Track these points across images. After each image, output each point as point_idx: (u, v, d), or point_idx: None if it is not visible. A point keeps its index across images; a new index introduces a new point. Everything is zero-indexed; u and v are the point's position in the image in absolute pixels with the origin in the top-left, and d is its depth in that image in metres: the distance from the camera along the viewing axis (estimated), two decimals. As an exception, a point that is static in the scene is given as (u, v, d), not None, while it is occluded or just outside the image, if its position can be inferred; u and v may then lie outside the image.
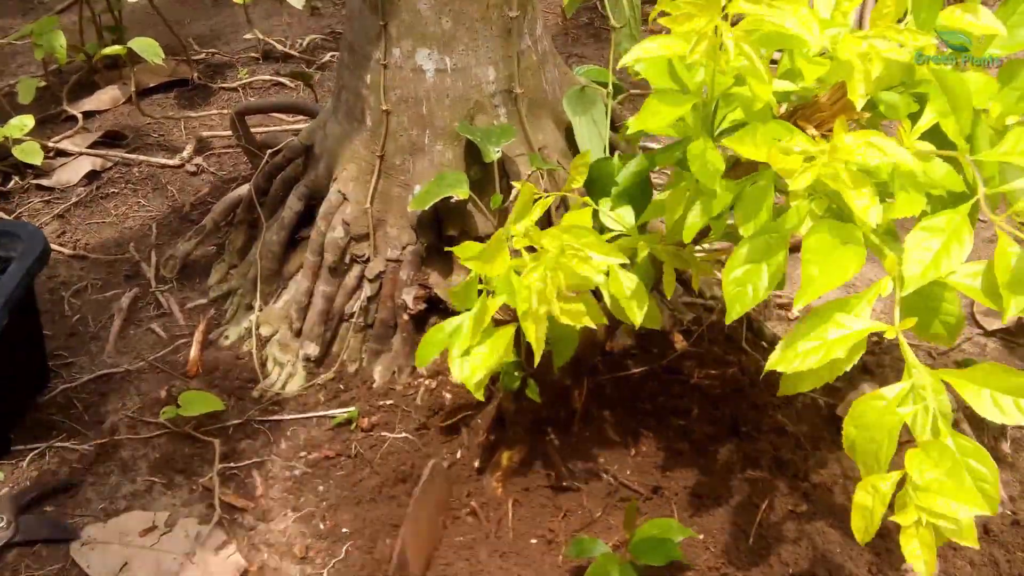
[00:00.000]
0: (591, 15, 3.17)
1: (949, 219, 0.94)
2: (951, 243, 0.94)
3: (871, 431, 0.95)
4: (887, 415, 0.94)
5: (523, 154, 1.67)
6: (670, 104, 1.07)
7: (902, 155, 0.93)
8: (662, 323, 1.37)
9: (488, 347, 1.24)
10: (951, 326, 1.09)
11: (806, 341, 0.97)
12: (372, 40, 1.62)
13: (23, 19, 3.17)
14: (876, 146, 0.94)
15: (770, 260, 1.01)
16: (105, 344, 1.80)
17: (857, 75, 0.97)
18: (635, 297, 1.19)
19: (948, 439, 0.93)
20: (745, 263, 1.02)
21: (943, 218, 0.95)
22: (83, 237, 2.12)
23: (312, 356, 1.70)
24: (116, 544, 1.42)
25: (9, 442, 1.58)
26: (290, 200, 1.81)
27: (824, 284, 0.95)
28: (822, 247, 0.96)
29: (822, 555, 1.37)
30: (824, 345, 0.95)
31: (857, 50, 0.98)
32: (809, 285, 0.95)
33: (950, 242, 0.94)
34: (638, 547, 1.29)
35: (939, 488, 0.91)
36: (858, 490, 0.95)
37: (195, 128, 2.56)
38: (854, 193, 0.93)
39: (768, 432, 1.55)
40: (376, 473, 1.52)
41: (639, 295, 1.19)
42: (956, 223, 0.94)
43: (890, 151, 0.93)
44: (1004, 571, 1.37)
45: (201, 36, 3.09)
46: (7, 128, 2.27)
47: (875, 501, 0.94)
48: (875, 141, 0.94)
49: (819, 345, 0.96)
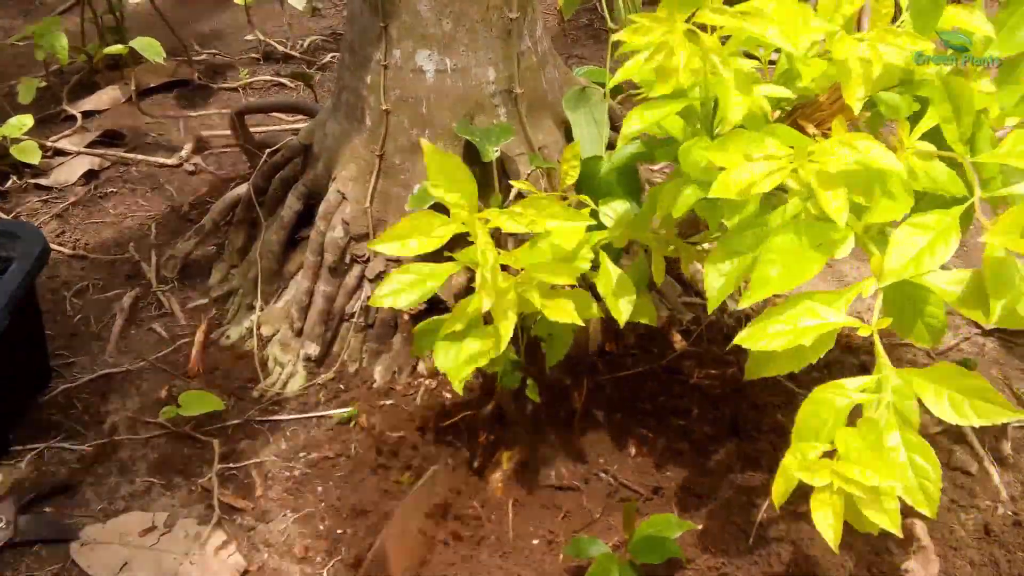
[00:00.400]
0: (590, 16, 3.17)
1: (939, 219, 0.94)
2: (937, 242, 0.93)
3: (819, 407, 0.95)
4: (838, 396, 0.95)
5: (523, 154, 1.68)
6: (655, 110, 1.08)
7: (889, 160, 0.93)
8: (656, 317, 1.37)
9: (475, 342, 1.23)
10: (934, 329, 1.08)
11: (776, 324, 0.97)
12: (372, 41, 1.62)
13: (24, 20, 3.17)
14: (856, 148, 0.93)
15: (754, 252, 1.01)
16: (106, 344, 1.80)
17: (854, 78, 0.97)
18: (620, 293, 1.19)
19: (895, 431, 0.93)
20: (730, 255, 1.03)
21: (933, 217, 0.95)
22: (83, 237, 2.12)
23: (313, 356, 1.70)
24: (116, 544, 1.42)
25: (9, 442, 1.58)
26: (289, 200, 1.81)
27: (779, 286, 0.95)
28: (787, 248, 0.95)
29: (822, 555, 1.37)
30: (793, 331, 0.95)
31: (855, 52, 0.98)
32: (763, 285, 0.95)
33: (936, 241, 0.93)
34: (637, 546, 1.30)
35: (858, 458, 0.91)
36: (786, 455, 0.95)
37: (195, 128, 2.56)
38: (829, 195, 0.92)
39: (768, 432, 1.55)
40: (376, 473, 1.52)
41: (624, 289, 1.19)
42: (945, 223, 0.94)
43: (875, 155, 0.93)
44: (1004, 571, 1.37)
45: (202, 37, 3.09)
46: (5, 127, 2.27)
47: (799, 467, 0.94)
48: (859, 144, 0.94)
49: (788, 330, 0.95)
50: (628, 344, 1.71)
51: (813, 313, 0.96)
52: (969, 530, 1.43)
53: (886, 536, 1.37)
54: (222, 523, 1.45)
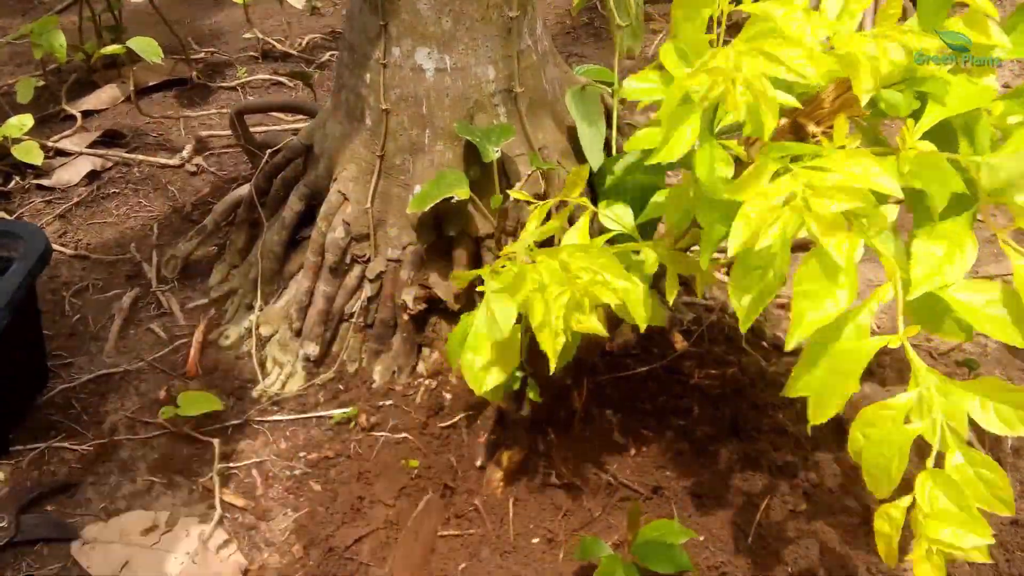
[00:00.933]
0: (591, 15, 3.17)
1: (950, 226, 0.94)
2: (953, 251, 0.93)
3: (880, 447, 0.94)
4: (896, 432, 0.93)
5: (523, 154, 1.67)
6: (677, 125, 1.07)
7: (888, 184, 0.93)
8: (664, 319, 1.37)
9: (503, 351, 1.24)
10: (965, 323, 1.07)
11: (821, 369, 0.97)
12: (372, 39, 1.62)
13: (23, 19, 3.17)
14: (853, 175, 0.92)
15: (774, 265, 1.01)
16: (105, 344, 1.80)
17: (863, 70, 0.97)
18: (641, 302, 1.19)
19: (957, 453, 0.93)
20: (747, 272, 1.02)
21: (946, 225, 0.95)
22: (84, 237, 2.12)
23: (312, 356, 1.70)
24: (117, 544, 1.42)
25: (9, 442, 1.58)
26: (290, 200, 1.81)
27: (815, 323, 0.94)
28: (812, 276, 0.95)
29: (822, 555, 1.37)
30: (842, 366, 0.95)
31: (863, 48, 0.98)
32: (799, 324, 0.95)
33: (952, 251, 0.94)
34: (642, 550, 1.29)
35: (946, 518, 0.91)
36: (876, 518, 0.96)
37: (194, 128, 2.56)
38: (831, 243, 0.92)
39: (768, 432, 1.55)
40: (376, 474, 1.52)
41: (645, 299, 1.20)
42: (957, 230, 0.94)
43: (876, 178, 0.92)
44: (1004, 571, 1.37)
45: (201, 35, 3.09)
46: (6, 128, 2.26)
47: (891, 528, 0.95)
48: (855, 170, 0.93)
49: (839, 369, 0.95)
50: (628, 344, 1.71)
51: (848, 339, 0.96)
52: (969, 530, 1.43)
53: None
54: (223, 522, 1.45)
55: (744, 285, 1.02)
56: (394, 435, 1.58)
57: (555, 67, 1.75)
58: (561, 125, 1.73)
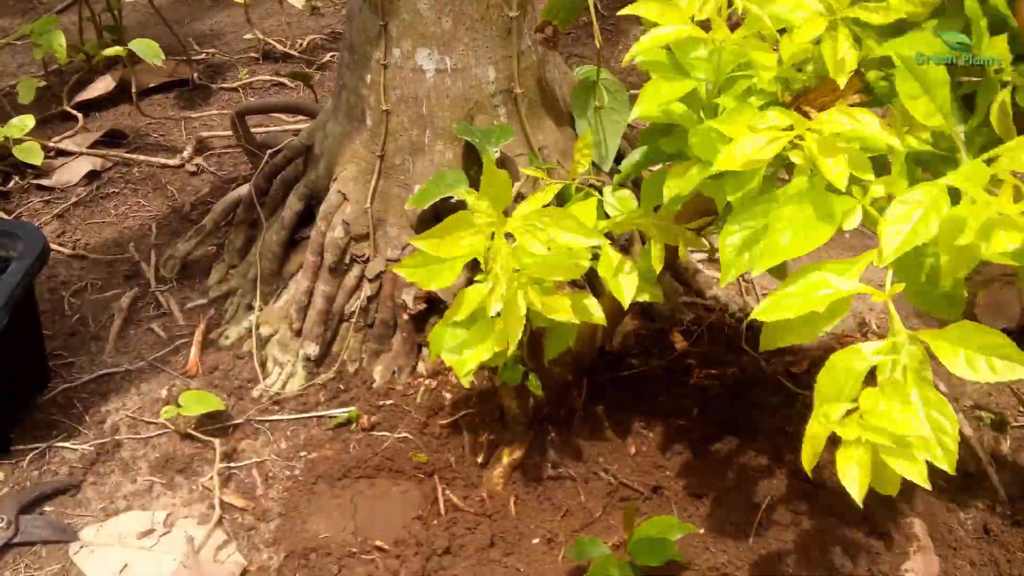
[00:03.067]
0: (590, 16, 3.16)
1: (927, 191, 0.95)
2: (929, 215, 0.94)
3: (837, 373, 0.96)
4: (856, 360, 0.96)
5: (523, 154, 1.68)
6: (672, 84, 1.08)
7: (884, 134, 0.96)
8: (662, 295, 1.35)
9: (480, 335, 1.23)
10: (954, 298, 1.07)
11: (791, 295, 0.97)
12: (372, 40, 1.62)
13: (23, 19, 3.17)
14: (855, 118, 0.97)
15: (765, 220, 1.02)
16: (105, 344, 1.80)
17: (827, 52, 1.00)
18: (622, 274, 1.19)
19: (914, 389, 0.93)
20: (740, 227, 1.04)
21: (920, 191, 0.95)
22: (83, 237, 2.12)
23: (312, 356, 1.70)
24: (116, 544, 1.42)
25: (9, 442, 1.58)
26: (290, 200, 1.81)
27: (789, 252, 0.96)
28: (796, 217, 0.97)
29: (822, 555, 1.37)
30: (807, 300, 0.96)
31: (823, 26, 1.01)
32: (773, 251, 0.96)
33: (928, 215, 0.94)
34: (636, 547, 1.29)
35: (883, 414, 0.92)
36: (811, 419, 0.97)
37: (195, 128, 2.56)
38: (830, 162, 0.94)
39: (768, 432, 1.55)
40: (377, 474, 1.52)
41: (626, 272, 1.19)
42: (934, 195, 0.94)
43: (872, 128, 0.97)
44: (1004, 571, 1.37)
45: (201, 36, 3.09)
46: (7, 128, 2.26)
47: (824, 429, 0.95)
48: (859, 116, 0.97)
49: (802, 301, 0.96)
50: (628, 344, 1.71)
51: (826, 283, 0.97)
52: (969, 530, 1.43)
53: (885, 536, 1.37)
54: (223, 523, 1.45)
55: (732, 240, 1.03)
56: (394, 435, 1.58)
57: (555, 67, 1.75)
58: (561, 125, 1.74)
